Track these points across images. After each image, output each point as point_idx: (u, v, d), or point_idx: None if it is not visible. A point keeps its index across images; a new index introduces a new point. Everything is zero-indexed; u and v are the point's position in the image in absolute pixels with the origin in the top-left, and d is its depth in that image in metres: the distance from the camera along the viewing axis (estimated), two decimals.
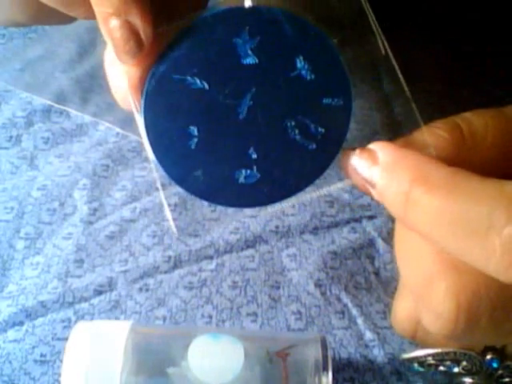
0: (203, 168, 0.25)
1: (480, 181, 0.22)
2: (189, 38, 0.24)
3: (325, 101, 0.25)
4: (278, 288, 0.36)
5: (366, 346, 0.34)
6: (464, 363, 0.28)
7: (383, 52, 0.24)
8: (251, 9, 0.24)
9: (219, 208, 0.39)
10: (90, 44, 0.46)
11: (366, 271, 0.37)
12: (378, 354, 0.34)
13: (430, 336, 0.28)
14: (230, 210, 0.39)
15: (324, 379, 0.29)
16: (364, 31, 0.24)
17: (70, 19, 0.27)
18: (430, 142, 0.24)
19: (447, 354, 0.27)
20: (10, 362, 0.33)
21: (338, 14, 0.26)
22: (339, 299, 0.36)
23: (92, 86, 0.44)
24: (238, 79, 0.24)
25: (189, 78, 0.24)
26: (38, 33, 0.46)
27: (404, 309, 0.28)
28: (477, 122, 0.24)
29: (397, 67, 0.25)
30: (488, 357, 0.27)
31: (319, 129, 0.25)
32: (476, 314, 0.23)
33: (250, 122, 0.25)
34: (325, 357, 0.29)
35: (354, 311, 0.35)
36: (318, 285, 0.36)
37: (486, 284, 0.23)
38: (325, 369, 0.29)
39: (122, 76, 0.25)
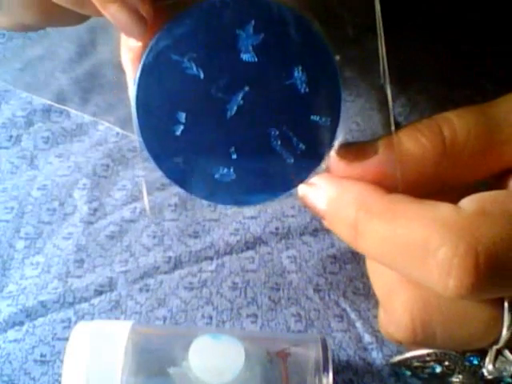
0: (184, 156, 0.25)
1: (417, 206, 0.23)
2: (192, 20, 0.23)
3: (312, 117, 0.24)
4: (278, 290, 0.36)
5: (365, 349, 0.34)
6: (446, 363, 0.28)
7: (382, 81, 0.24)
8: (261, 2, 0.23)
9: (219, 209, 0.39)
10: (90, 44, 0.46)
11: (364, 276, 0.36)
12: (377, 357, 0.34)
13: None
14: (230, 210, 0.39)
15: (324, 380, 0.29)
16: (369, 49, 0.24)
17: (81, 19, 0.28)
18: (412, 150, 0.24)
19: (429, 355, 0.28)
20: (10, 362, 0.33)
21: (347, 26, 0.26)
22: (338, 304, 0.36)
23: (92, 85, 0.44)
24: (233, 74, 0.24)
25: (186, 61, 0.24)
26: (38, 33, 0.46)
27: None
28: (459, 129, 0.25)
29: (390, 97, 0.25)
30: (468, 354, 0.27)
31: (300, 145, 0.25)
32: (430, 324, 0.24)
33: (237, 121, 0.24)
34: (325, 357, 0.29)
35: (353, 315, 0.35)
36: (316, 290, 0.36)
37: (437, 296, 0.24)
38: (325, 369, 0.29)
39: (130, 62, 0.25)
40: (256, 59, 0.24)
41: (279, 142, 0.25)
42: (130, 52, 0.25)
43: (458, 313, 0.24)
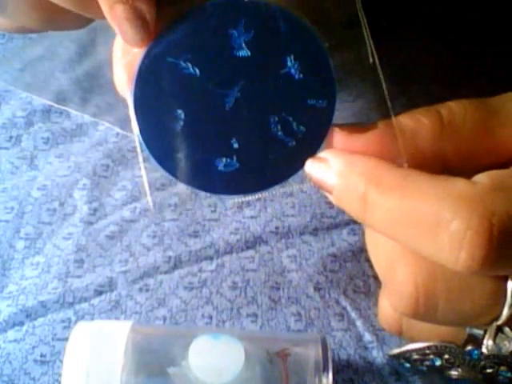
0: (185, 151, 0.25)
1: (430, 180, 0.23)
2: (186, 24, 0.25)
3: (309, 101, 0.25)
4: (278, 289, 0.36)
5: (365, 348, 0.34)
6: (446, 356, 0.28)
7: (371, 61, 0.25)
8: (250, 3, 0.25)
9: (219, 208, 0.39)
10: (90, 44, 0.46)
11: (365, 275, 0.36)
12: (377, 356, 0.34)
13: (414, 330, 0.29)
14: (230, 210, 0.39)
15: (324, 379, 0.29)
16: (356, 36, 0.25)
17: (83, 24, 0.28)
18: (411, 127, 0.25)
19: (429, 347, 0.28)
20: (10, 362, 0.33)
21: (332, 17, 0.26)
22: (338, 302, 0.36)
23: (92, 85, 0.44)
24: (228, 70, 0.25)
25: (182, 62, 0.25)
26: (38, 33, 0.46)
27: (388, 305, 0.28)
28: (457, 109, 0.25)
29: (382, 78, 0.25)
30: (468, 348, 0.27)
31: (300, 127, 0.26)
32: (433, 294, 0.24)
33: (236, 113, 0.25)
34: (325, 357, 0.29)
35: (353, 314, 0.35)
36: (317, 288, 0.36)
37: (441, 266, 0.24)
38: (325, 369, 0.29)
39: (122, 67, 0.25)
40: (249, 54, 0.25)
41: (279, 127, 0.26)
42: (125, 57, 0.25)
43: (462, 285, 0.24)
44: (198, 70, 0.25)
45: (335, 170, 0.25)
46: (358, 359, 0.34)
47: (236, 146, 0.25)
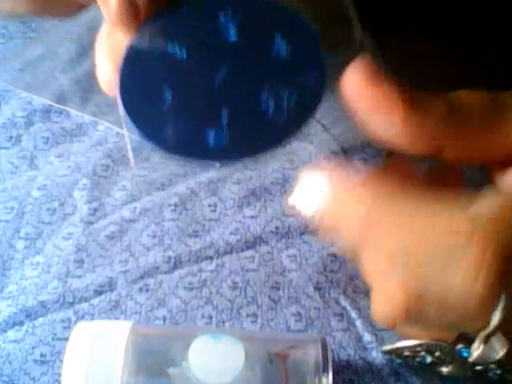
0: (174, 127, 0.26)
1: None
2: (175, 8, 0.25)
3: (299, 77, 0.26)
4: (278, 289, 0.36)
5: (365, 348, 0.34)
6: (437, 353, 0.28)
7: (358, 39, 0.25)
8: None
9: (219, 208, 0.39)
10: (90, 44, 0.46)
11: None
12: (377, 356, 0.34)
13: (406, 326, 0.29)
14: (230, 210, 0.39)
15: (324, 380, 0.29)
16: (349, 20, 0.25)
17: (72, 9, 0.28)
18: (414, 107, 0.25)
19: (420, 345, 0.28)
20: (10, 362, 0.33)
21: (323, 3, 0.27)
22: (338, 302, 0.36)
23: (92, 86, 0.44)
24: (216, 52, 0.25)
25: (170, 44, 0.25)
26: (38, 32, 0.46)
27: (381, 300, 0.28)
28: (465, 99, 0.25)
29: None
30: (458, 346, 0.27)
31: (290, 103, 0.26)
32: (424, 303, 0.24)
33: (224, 91, 0.26)
34: (325, 357, 0.29)
35: (353, 314, 0.35)
36: (317, 288, 0.36)
37: (432, 275, 0.24)
38: (325, 369, 0.29)
39: (107, 58, 0.25)
40: (237, 37, 0.25)
41: (269, 104, 0.26)
42: (110, 39, 0.26)
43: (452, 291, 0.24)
44: (185, 52, 0.25)
45: (332, 194, 0.25)
46: (358, 359, 0.34)
47: (225, 120, 0.26)
